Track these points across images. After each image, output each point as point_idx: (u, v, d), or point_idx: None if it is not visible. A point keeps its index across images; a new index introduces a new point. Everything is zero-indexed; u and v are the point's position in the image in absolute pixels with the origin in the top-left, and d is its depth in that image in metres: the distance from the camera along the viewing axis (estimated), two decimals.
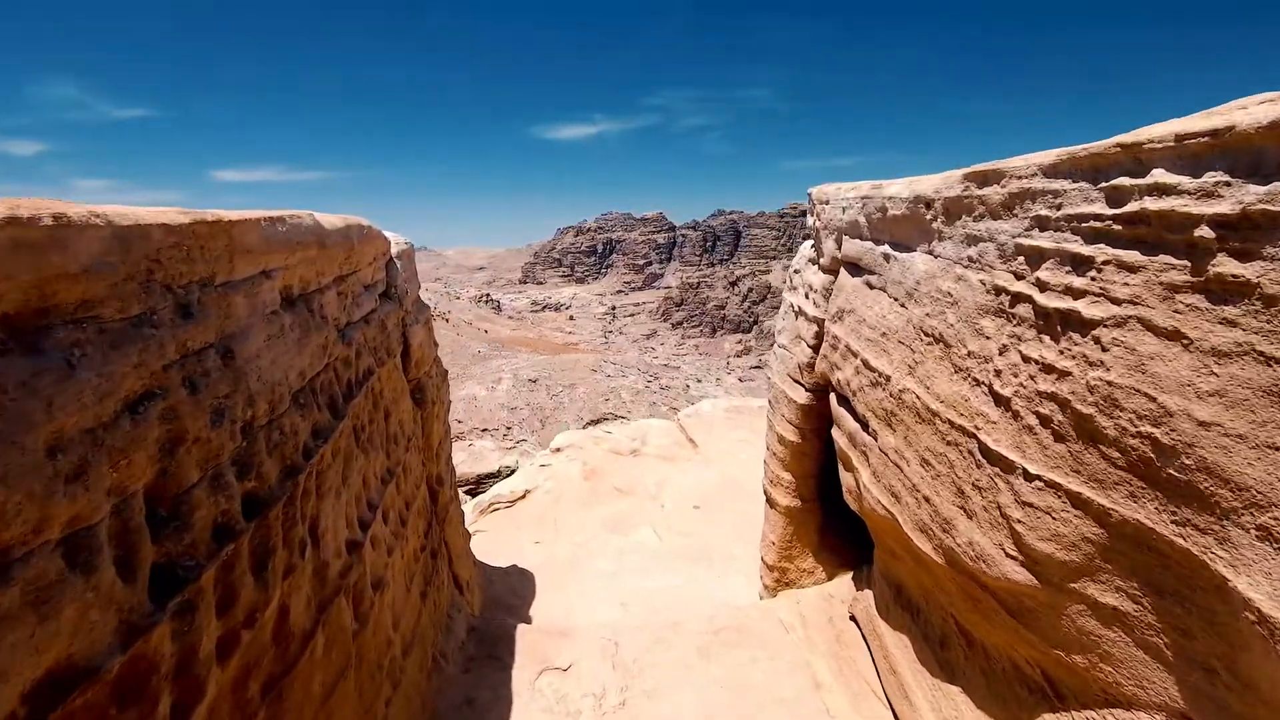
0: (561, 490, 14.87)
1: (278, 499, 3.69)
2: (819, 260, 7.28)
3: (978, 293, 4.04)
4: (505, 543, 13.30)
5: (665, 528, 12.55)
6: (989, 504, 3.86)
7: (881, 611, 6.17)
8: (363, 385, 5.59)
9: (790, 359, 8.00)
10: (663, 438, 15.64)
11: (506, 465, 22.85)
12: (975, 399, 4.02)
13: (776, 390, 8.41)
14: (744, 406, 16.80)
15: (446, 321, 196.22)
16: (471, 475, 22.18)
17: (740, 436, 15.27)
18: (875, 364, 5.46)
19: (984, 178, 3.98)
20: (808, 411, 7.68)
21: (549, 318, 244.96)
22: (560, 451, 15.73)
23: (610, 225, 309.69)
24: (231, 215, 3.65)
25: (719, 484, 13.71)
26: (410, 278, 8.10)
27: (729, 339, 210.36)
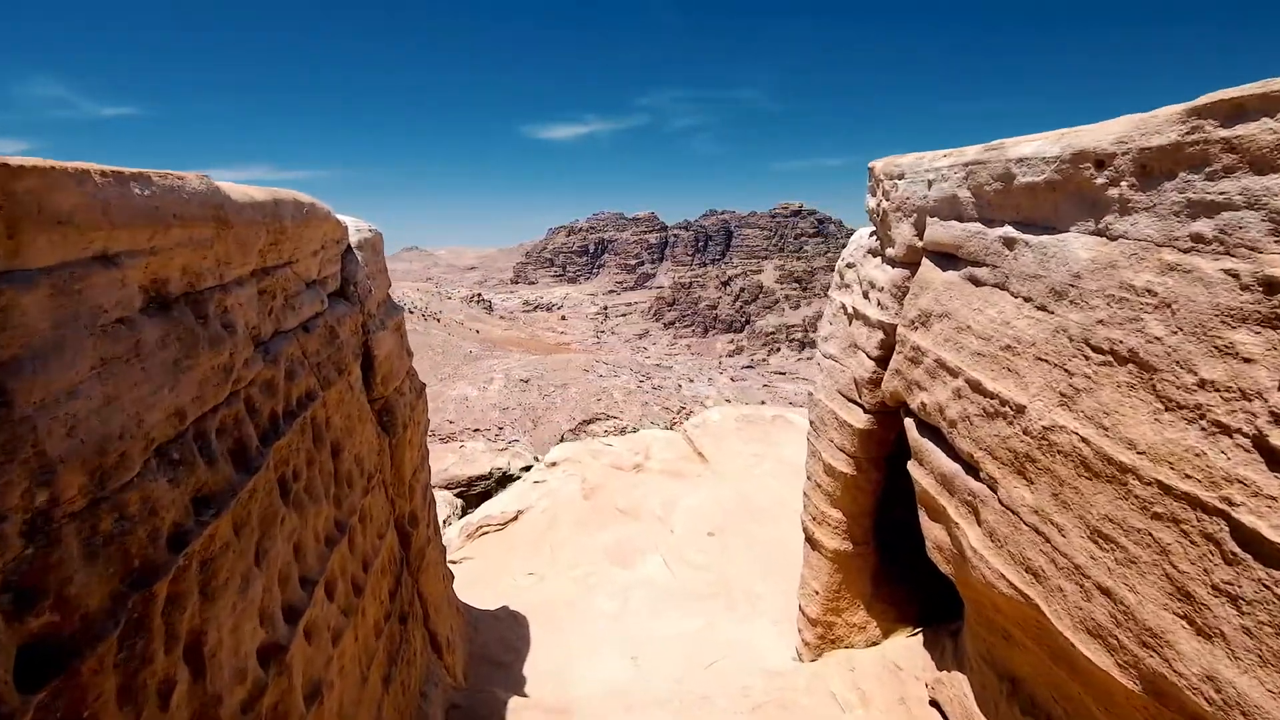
0: (558, 511, 13.36)
1: (103, 633, 2.20)
2: (886, 251, 5.82)
3: (1222, 290, 2.62)
4: (495, 573, 11.80)
5: (676, 557, 11.07)
6: (1257, 625, 2.44)
7: (987, 709, 4.73)
8: (296, 417, 4.09)
9: (842, 373, 6.54)
10: (668, 451, 14.15)
11: (498, 467, 21.50)
12: (1220, 455, 2.59)
13: (822, 409, 6.96)
14: (755, 415, 15.32)
15: (438, 321, 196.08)
16: (463, 477, 20.76)
17: (754, 450, 13.80)
18: (994, 387, 4.02)
19: (1239, 109, 2.56)
20: (866, 437, 6.23)
21: (541, 318, 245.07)
22: (556, 466, 14.22)
23: (602, 225, 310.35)
24: (19, 161, 2.16)
25: (734, 505, 12.24)
26: (376, 273, 6.59)
27: (721, 339, 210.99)
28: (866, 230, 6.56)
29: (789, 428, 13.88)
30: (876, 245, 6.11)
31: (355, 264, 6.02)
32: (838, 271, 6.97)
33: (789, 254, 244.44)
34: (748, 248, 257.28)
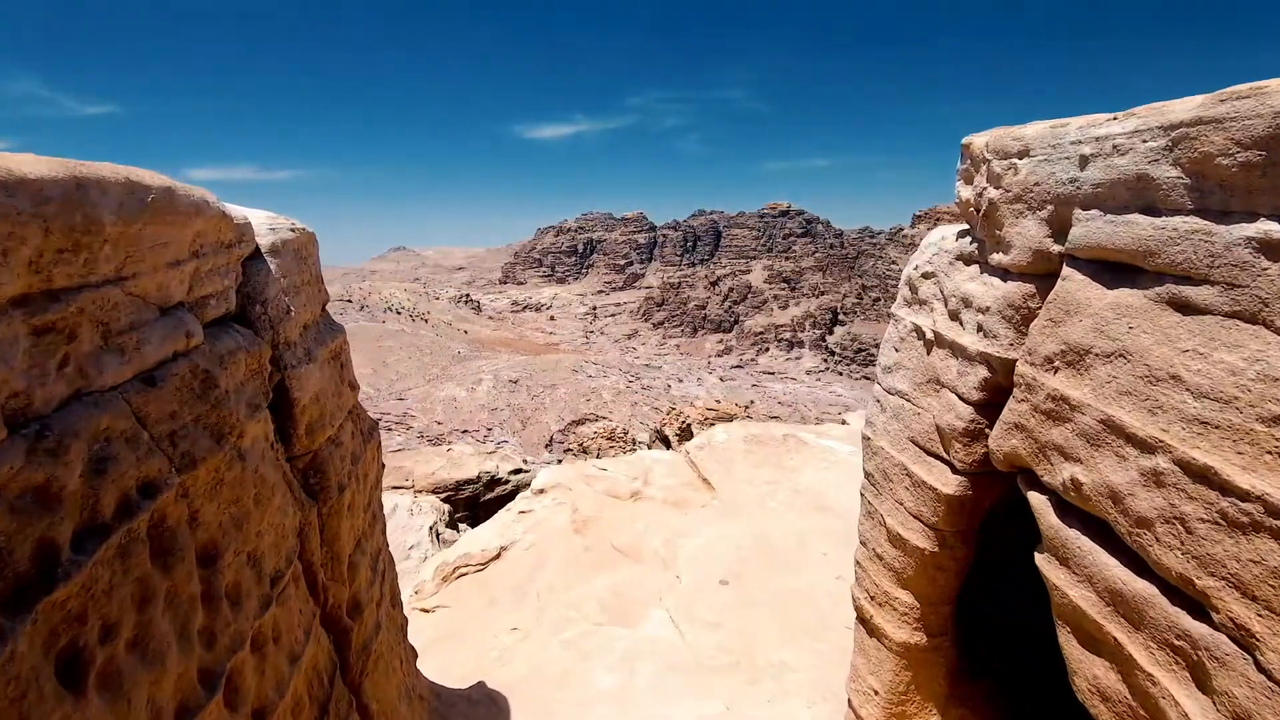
0: (546, 548, 11.68)
1: None
2: (992, 257, 4.25)
3: None
4: (473, 627, 10.14)
5: (685, 614, 9.45)
6: None
7: None
8: (111, 534, 2.48)
9: (916, 416, 4.97)
10: (669, 476, 12.49)
11: (486, 470, 19.99)
12: None
13: (885, 460, 5.38)
14: (765, 435, 13.66)
15: (426, 322, 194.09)
16: (450, 481, 19.20)
17: (765, 476, 12.17)
18: (1245, 482, 2.48)
19: None
20: (955, 506, 4.66)
21: (529, 318, 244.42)
22: (544, 493, 12.51)
23: (591, 225, 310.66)
24: None
25: (748, 545, 10.63)
26: (302, 286, 4.93)
27: (710, 338, 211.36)
28: (950, 230, 4.98)
29: (802, 449, 12.30)
30: (972, 249, 4.54)
31: (265, 277, 4.38)
32: (906, 283, 5.38)
33: (777, 254, 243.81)
34: (736, 248, 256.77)
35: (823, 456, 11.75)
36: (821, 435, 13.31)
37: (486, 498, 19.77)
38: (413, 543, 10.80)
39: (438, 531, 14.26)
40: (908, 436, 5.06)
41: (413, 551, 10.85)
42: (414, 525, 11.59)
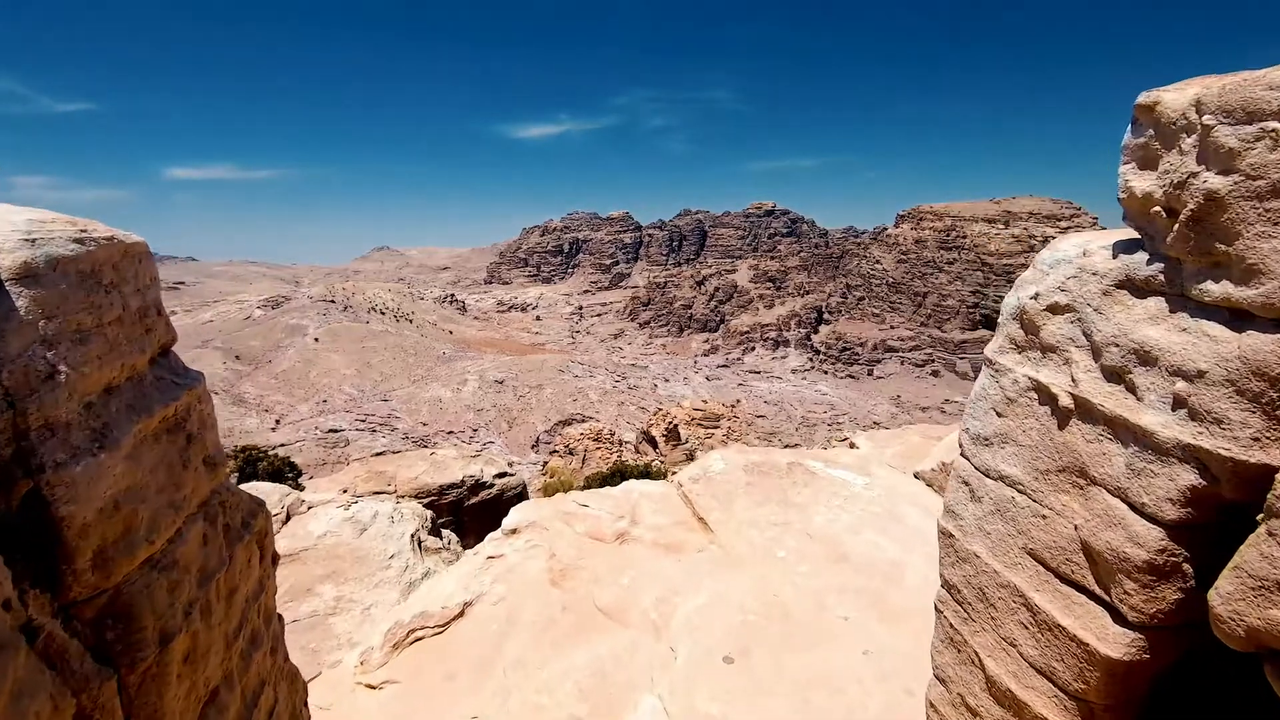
0: (517, 605, 9.88)
1: None
2: (1203, 289, 2.57)
3: None
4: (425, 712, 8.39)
5: (683, 703, 7.70)
6: None
7: None
8: None
9: (1044, 521, 3.27)
10: (661, 513, 10.65)
11: (471, 475, 18.69)
12: None
13: (983, 576, 3.67)
14: (767, 463, 11.80)
15: (410, 323, 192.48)
16: (434, 486, 17.81)
17: (771, 515, 10.36)
18: None
19: None
20: (1121, 673, 2.98)
21: (515, 318, 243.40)
22: (517, 534, 10.63)
23: (576, 225, 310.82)
24: None
25: (756, 608, 8.90)
26: (93, 330, 2.99)
27: (696, 338, 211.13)
28: (1096, 240, 3.28)
29: (811, 481, 10.57)
30: (1153, 273, 2.86)
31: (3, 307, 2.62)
32: (1016, 317, 3.66)
33: (763, 253, 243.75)
34: (722, 247, 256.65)
35: (834, 491, 9.92)
36: (830, 464, 11.04)
37: (471, 502, 18.21)
38: (393, 551, 9.01)
39: (419, 539, 12.19)
40: (1025, 547, 3.37)
41: (393, 561, 9.02)
42: (395, 533, 9.74)
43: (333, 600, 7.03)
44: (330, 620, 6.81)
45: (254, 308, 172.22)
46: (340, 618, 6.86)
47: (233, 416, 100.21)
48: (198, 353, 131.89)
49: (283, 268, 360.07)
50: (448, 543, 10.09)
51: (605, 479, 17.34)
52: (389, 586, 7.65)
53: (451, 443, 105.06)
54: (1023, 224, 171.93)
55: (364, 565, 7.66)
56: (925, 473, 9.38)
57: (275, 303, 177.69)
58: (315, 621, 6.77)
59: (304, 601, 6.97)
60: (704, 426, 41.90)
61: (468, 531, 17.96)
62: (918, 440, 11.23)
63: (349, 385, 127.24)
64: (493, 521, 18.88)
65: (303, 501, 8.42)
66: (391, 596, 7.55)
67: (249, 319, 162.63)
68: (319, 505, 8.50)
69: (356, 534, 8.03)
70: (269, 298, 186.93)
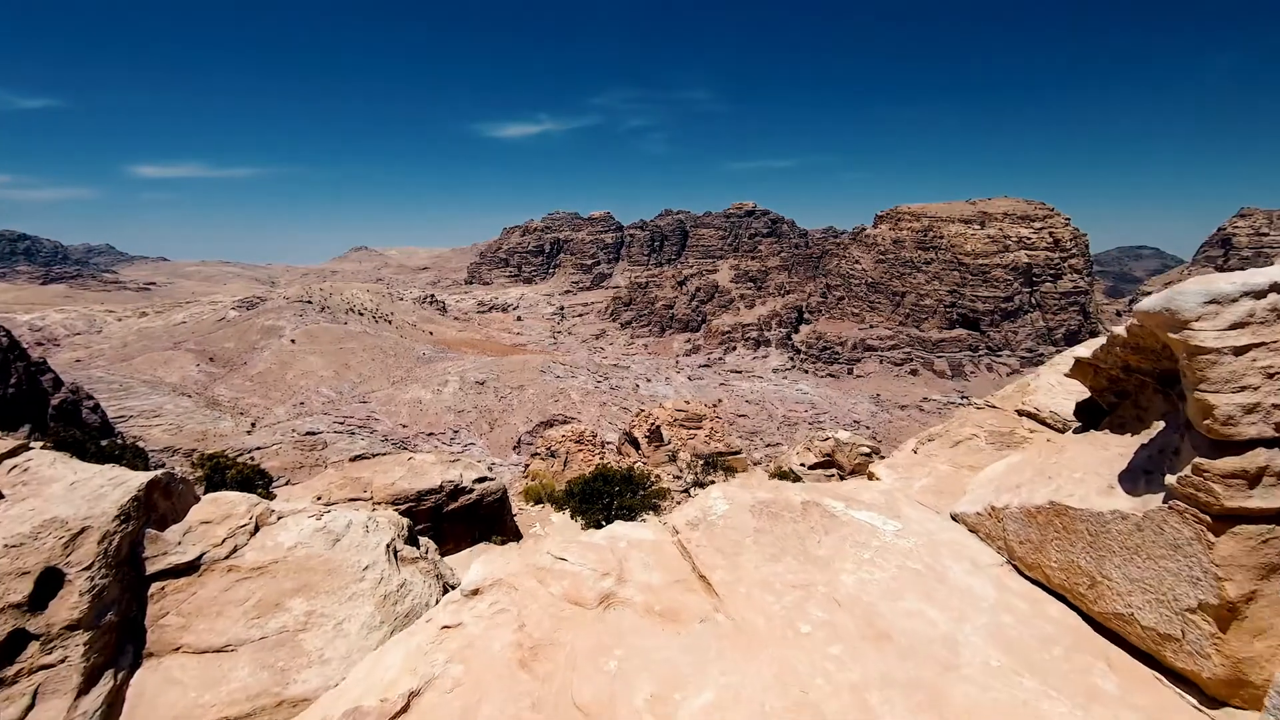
0: (475, 698, 7.70)
1: None
2: None
3: None
4: None
5: None
6: None
7: None
8: None
9: None
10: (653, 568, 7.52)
11: (450, 480, 18.21)
12: None
13: None
14: (779, 503, 8.22)
15: (389, 323, 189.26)
16: (411, 492, 17.38)
17: (790, 575, 6.99)
18: None
19: None
20: None
21: (496, 318, 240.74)
22: (479, 596, 7.69)
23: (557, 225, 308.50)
24: None
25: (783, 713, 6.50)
26: None
27: (677, 338, 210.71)
28: None
29: (831, 527, 7.84)
30: None
31: None
32: None
33: (744, 253, 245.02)
34: (703, 247, 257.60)
35: (862, 540, 7.86)
36: (852, 503, 8.85)
37: (450, 508, 17.86)
38: (368, 562, 8.61)
39: (395, 549, 11.77)
40: None
41: (367, 572, 8.63)
42: (370, 543, 9.32)
43: (303, 615, 6.73)
44: (300, 637, 6.53)
45: (228, 309, 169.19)
46: (311, 633, 6.58)
47: (207, 420, 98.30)
48: (170, 355, 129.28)
49: (258, 268, 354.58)
50: (425, 551, 9.81)
51: (587, 482, 17.10)
52: (363, 599, 7.37)
53: (432, 444, 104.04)
54: (998, 224, 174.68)
55: (337, 578, 7.36)
56: (968, 516, 7.86)
57: (250, 303, 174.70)
58: (284, 638, 6.48)
59: (272, 617, 6.68)
60: (686, 427, 41.81)
61: (447, 538, 17.59)
62: (947, 470, 9.81)
63: (327, 387, 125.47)
64: (472, 528, 18.60)
65: (272, 511, 8.10)
66: (366, 610, 7.28)
67: (223, 320, 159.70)
68: (289, 515, 8.18)
69: (329, 545, 7.73)
70: (244, 298, 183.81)
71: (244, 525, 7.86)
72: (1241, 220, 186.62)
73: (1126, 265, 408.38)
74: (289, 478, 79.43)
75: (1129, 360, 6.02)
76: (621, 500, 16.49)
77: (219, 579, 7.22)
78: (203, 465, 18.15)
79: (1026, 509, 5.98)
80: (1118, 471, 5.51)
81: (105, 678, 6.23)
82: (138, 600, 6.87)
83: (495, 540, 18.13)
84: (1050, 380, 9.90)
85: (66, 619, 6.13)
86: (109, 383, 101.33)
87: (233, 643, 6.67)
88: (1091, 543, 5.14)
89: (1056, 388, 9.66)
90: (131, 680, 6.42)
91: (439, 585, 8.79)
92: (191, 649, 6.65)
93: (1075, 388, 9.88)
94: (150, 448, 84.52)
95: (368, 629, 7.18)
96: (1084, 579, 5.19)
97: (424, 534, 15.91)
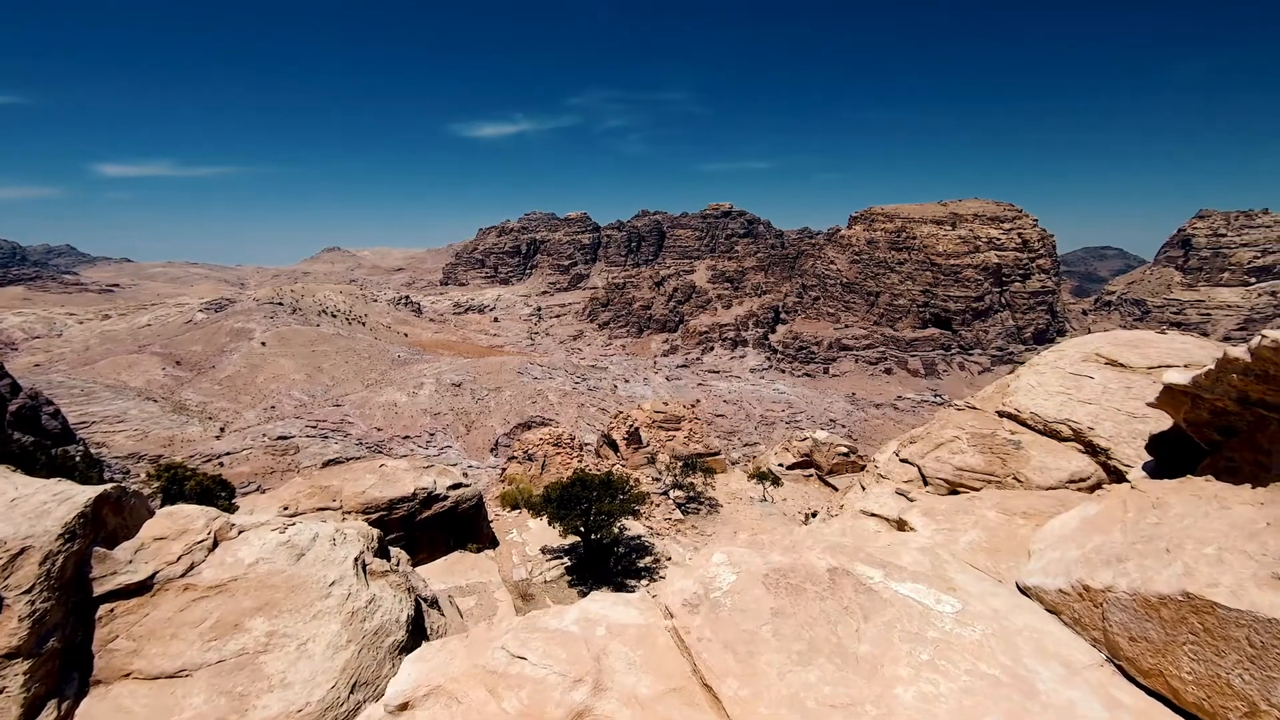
0: None
1: None
2: None
3: None
4: None
5: None
6: None
7: None
8: None
9: None
10: (640, 670, 5.32)
11: (423, 487, 17.52)
12: None
13: None
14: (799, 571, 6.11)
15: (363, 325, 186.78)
16: (382, 500, 16.72)
17: (829, 687, 4.80)
18: None
19: None
20: None
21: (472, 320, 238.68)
22: (409, 712, 5.58)
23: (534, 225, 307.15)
24: None
25: None
26: None
27: (655, 338, 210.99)
28: None
29: (874, 608, 5.68)
30: None
31: None
32: None
33: (720, 254, 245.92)
34: (680, 248, 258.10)
35: (913, 628, 5.59)
36: (891, 569, 6.37)
37: (424, 516, 17.35)
38: (334, 578, 8.22)
39: (364, 562, 11.36)
40: None
41: (334, 588, 8.25)
42: (336, 557, 8.89)
43: (264, 636, 6.38)
44: (261, 659, 6.18)
45: (196, 311, 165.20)
46: (273, 655, 6.22)
47: (173, 425, 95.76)
48: (134, 358, 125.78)
49: (226, 269, 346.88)
50: (396, 563, 9.45)
51: (565, 488, 16.77)
52: (329, 617, 7.02)
53: (408, 448, 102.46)
54: (968, 225, 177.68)
55: (301, 594, 7.00)
56: (1045, 592, 5.43)
57: (219, 305, 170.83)
58: (244, 661, 6.13)
59: (231, 639, 6.31)
60: (665, 429, 41.64)
61: (421, 547, 17.14)
62: (996, 518, 7.62)
63: (299, 390, 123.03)
64: (447, 535, 18.19)
65: (232, 525, 7.70)
66: (331, 629, 6.93)
67: (190, 323, 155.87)
68: (251, 529, 7.79)
69: (293, 560, 7.36)
70: (212, 300, 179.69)
71: (201, 541, 7.45)
72: (1200, 221, 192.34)
73: (1091, 265, 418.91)
74: (260, 483, 77.64)
75: (1249, 391, 4.80)
76: (600, 505, 16.20)
77: (173, 599, 6.81)
78: (159, 477, 17.37)
79: (1143, 599, 4.42)
80: (1275, 549, 4.08)
81: (48, 708, 5.82)
82: (84, 624, 6.45)
83: (471, 548, 17.73)
84: (1030, 381, 9.93)
85: (5, 646, 5.71)
86: (70, 388, 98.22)
87: (187, 667, 6.28)
88: (1255, 657, 3.70)
89: (1036, 389, 9.69)
90: (77, 710, 6.01)
91: (410, 599, 8.45)
92: (142, 675, 6.24)
93: (1056, 388, 9.93)
94: (114, 454, 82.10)
95: (334, 649, 6.83)
96: (1238, 703, 3.76)
97: (396, 543, 15.47)
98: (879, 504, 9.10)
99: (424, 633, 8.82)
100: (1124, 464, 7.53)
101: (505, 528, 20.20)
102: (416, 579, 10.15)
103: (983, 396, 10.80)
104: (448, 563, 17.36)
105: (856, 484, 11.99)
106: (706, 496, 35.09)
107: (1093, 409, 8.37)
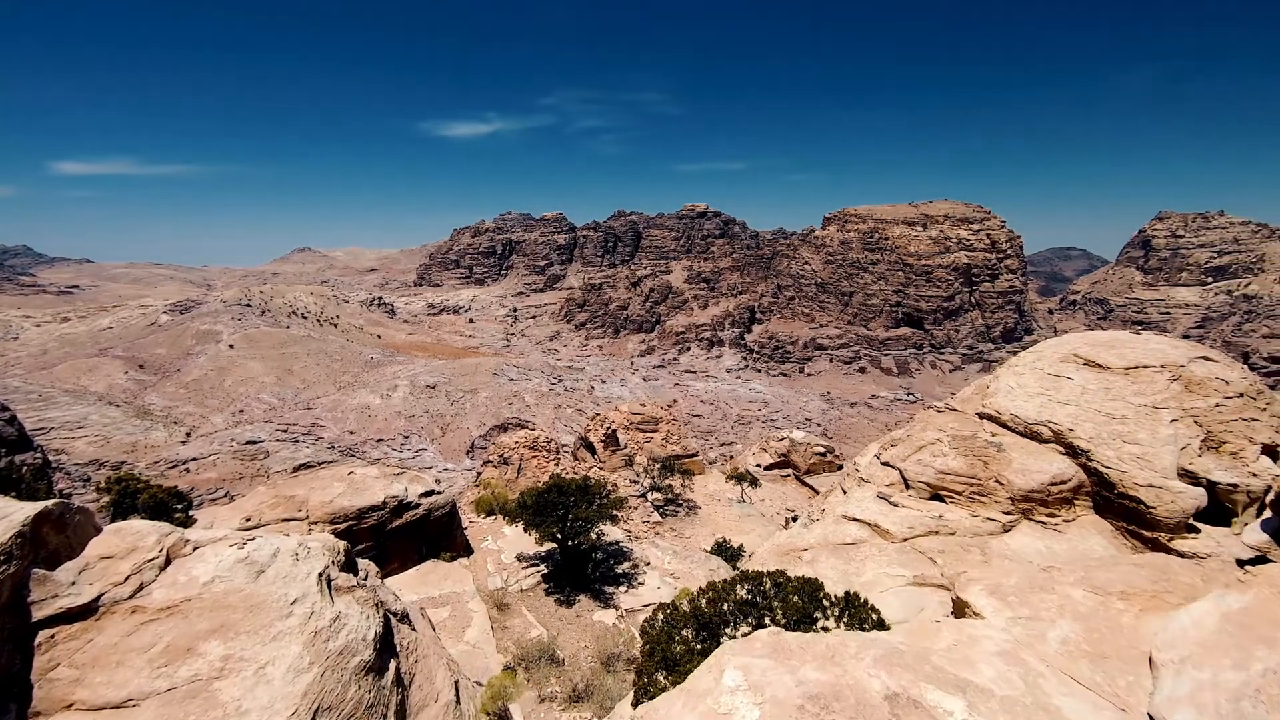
0: None
1: None
2: None
3: None
4: None
5: None
6: None
7: None
8: None
9: None
10: None
11: (394, 495, 16.91)
12: None
13: None
14: (845, 696, 4.40)
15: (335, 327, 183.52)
16: (351, 509, 16.07)
17: None
18: None
19: None
20: None
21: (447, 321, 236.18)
22: None
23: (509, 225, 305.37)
24: None
25: None
26: None
27: (632, 339, 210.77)
28: None
29: None
30: None
31: None
32: None
33: (696, 254, 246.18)
34: (656, 248, 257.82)
35: None
36: (972, 693, 4.72)
37: (394, 525, 16.80)
38: (296, 595, 7.74)
39: (329, 577, 10.94)
40: None
41: (295, 607, 7.79)
42: (299, 573, 8.41)
43: (219, 660, 5.99)
44: (216, 685, 5.79)
45: (160, 313, 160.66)
46: (228, 681, 5.84)
47: (137, 430, 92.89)
48: (95, 362, 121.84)
49: (192, 270, 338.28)
50: (364, 577, 9.06)
51: (541, 494, 16.41)
52: (290, 638, 6.63)
53: (381, 451, 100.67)
54: (939, 226, 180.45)
55: (260, 614, 6.61)
56: None
57: (184, 307, 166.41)
58: (196, 688, 5.74)
59: (183, 664, 5.91)
60: (643, 430, 41.37)
61: (392, 557, 16.62)
62: (1086, 600, 5.77)
63: (268, 394, 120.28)
64: (419, 544, 17.66)
65: (187, 541, 7.27)
66: (293, 650, 6.55)
67: (154, 325, 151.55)
68: (207, 545, 7.36)
69: (252, 577, 6.96)
70: (177, 302, 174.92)
71: (152, 559, 7.02)
72: (1160, 223, 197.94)
73: (1057, 265, 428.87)
74: (228, 489, 75.66)
75: None
76: (577, 511, 15.88)
77: (120, 622, 6.38)
78: (109, 490, 16.53)
79: None
80: None
81: None
82: (22, 652, 6.00)
83: (444, 557, 17.27)
84: (1010, 382, 9.88)
85: None
86: (27, 393, 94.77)
87: (135, 696, 5.87)
88: None
89: (1016, 390, 9.64)
90: None
91: (378, 615, 8.08)
92: (86, 705, 5.82)
93: (1035, 390, 9.90)
94: (74, 461, 79.32)
95: (295, 672, 6.45)
96: None
97: (365, 554, 14.93)
98: (861, 508, 8.92)
99: (393, 650, 8.43)
100: (1105, 465, 7.46)
101: (480, 535, 19.78)
102: (386, 592, 9.74)
103: (962, 398, 10.73)
104: (420, 572, 16.88)
105: (837, 487, 11.95)
106: (685, 498, 34.92)
107: (1072, 410, 8.32)
